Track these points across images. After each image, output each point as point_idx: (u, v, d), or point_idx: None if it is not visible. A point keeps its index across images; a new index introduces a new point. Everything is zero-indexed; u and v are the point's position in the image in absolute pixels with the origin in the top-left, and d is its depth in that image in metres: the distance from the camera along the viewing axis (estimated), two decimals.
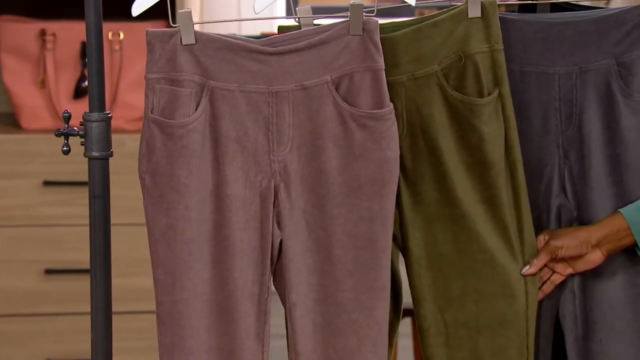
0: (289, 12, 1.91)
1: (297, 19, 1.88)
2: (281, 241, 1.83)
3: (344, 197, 1.82)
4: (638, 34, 1.88)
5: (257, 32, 3.22)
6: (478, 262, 1.87)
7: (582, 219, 1.92)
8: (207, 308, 1.82)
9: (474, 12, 1.85)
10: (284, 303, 1.86)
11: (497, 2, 1.85)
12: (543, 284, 1.92)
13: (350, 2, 1.80)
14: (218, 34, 1.83)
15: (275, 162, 1.82)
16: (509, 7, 2.26)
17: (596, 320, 1.93)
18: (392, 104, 1.82)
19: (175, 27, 1.80)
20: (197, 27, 1.81)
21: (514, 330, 1.88)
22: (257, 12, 1.87)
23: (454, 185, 1.86)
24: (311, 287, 1.83)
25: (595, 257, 1.89)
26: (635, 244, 1.88)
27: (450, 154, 1.86)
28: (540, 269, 1.90)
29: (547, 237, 1.90)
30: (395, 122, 1.83)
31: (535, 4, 1.98)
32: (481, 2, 1.84)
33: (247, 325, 1.83)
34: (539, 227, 1.93)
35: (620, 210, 1.88)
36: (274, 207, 1.82)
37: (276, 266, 1.85)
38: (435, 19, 1.86)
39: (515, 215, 1.88)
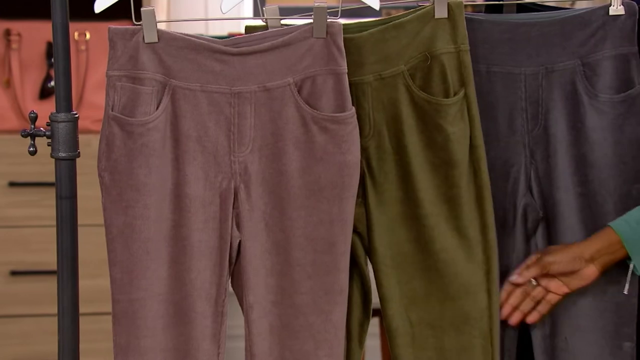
0: (257, 13, 1.91)
1: (264, 19, 1.88)
2: (240, 242, 1.83)
3: (304, 199, 1.81)
4: (602, 35, 1.89)
5: (225, 33, 3.22)
6: (440, 262, 1.88)
7: (548, 219, 1.93)
8: (163, 308, 1.81)
9: (441, 12, 1.86)
10: (241, 304, 1.86)
11: (464, 3, 1.86)
12: (537, 303, 1.92)
13: (314, 5, 1.80)
14: (182, 34, 1.83)
15: (236, 163, 1.82)
16: (476, 8, 2.27)
17: (561, 319, 1.94)
18: (354, 108, 1.82)
19: (139, 24, 1.79)
20: (163, 26, 1.81)
21: (478, 329, 1.89)
22: (224, 12, 1.87)
23: (418, 185, 1.87)
24: (269, 289, 1.83)
25: (590, 272, 1.89)
26: (627, 257, 1.89)
27: (416, 153, 1.87)
28: (528, 283, 1.90)
29: (538, 255, 1.91)
30: (357, 126, 1.83)
31: (502, 4, 1.98)
32: (448, 3, 1.85)
33: (203, 326, 1.82)
34: (506, 226, 1.94)
35: (610, 224, 1.89)
36: (233, 208, 1.82)
37: (234, 267, 1.85)
38: (402, 19, 1.87)
39: (477, 214, 1.88)
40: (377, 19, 1.91)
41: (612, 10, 1.89)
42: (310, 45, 1.81)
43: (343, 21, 1.83)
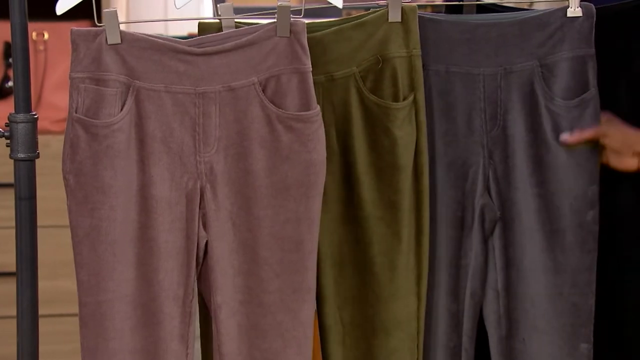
0: (216, 12, 1.90)
1: (220, 18, 1.88)
2: (207, 243, 1.82)
3: (271, 198, 1.81)
4: (560, 37, 1.90)
5: (184, 33, 3.20)
6: (377, 265, 1.90)
7: (506, 219, 1.94)
8: (131, 310, 1.80)
9: (395, 16, 1.87)
10: (208, 305, 1.85)
11: (424, 3, 1.87)
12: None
13: (278, 4, 1.80)
14: (144, 34, 1.82)
15: (202, 163, 1.82)
16: (436, 8, 2.28)
17: (519, 320, 1.95)
18: (319, 107, 1.83)
19: (101, 26, 1.78)
20: (122, 27, 1.80)
21: (406, 332, 1.92)
22: (177, 8, 1.86)
23: (362, 187, 1.88)
24: (237, 289, 1.83)
25: (631, 163, 1.90)
26: None
27: (362, 155, 1.88)
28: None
29: (606, 119, 1.90)
30: (322, 125, 1.83)
31: (462, 5, 1.99)
32: (402, 7, 1.86)
33: (171, 327, 1.82)
34: (464, 226, 1.95)
35: None
36: (200, 208, 1.82)
37: (201, 268, 1.84)
38: (357, 21, 1.88)
39: (415, 219, 1.90)
40: (336, 19, 1.92)
41: (570, 12, 1.91)
42: (275, 44, 1.81)
43: (305, 21, 1.84)
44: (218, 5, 1.88)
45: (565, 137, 1.90)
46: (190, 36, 3.02)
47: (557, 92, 1.90)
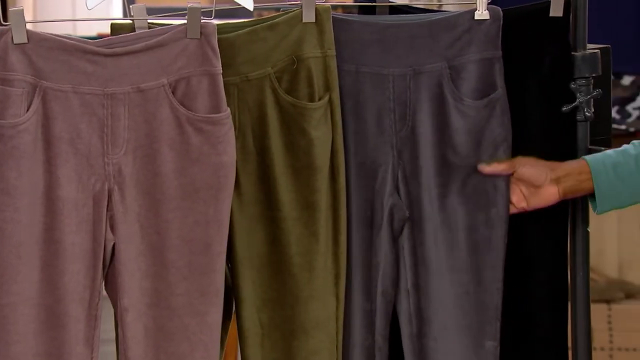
0: (126, 13, 1.88)
1: (132, 19, 1.86)
2: (114, 245, 1.81)
3: (180, 201, 1.80)
4: (468, 39, 1.92)
5: (93, 33, 3.17)
6: (295, 266, 1.90)
7: (415, 218, 1.95)
8: (35, 313, 1.78)
9: (309, 17, 1.87)
10: (115, 308, 1.84)
11: (334, 3, 1.87)
12: None
13: (188, 5, 1.79)
14: (52, 34, 1.79)
15: (110, 165, 1.80)
16: (346, 9, 2.29)
17: (431, 319, 1.97)
18: (229, 109, 1.82)
19: (6, 25, 1.76)
20: (29, 27, 1.78)
21: (325, 332, 1.92)
22: (89, 8, 1.84)
23: (279, 187, 1.88)
24: (144, 292, 1.82)
25: (551, 192, 1.92)
26: (592, 195, 1.91)
27: (279, 156, 1.88)
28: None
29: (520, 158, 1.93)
30: (232, 127, 1.82)
31: (375, 6, 2.00)
32: (315, 8, 1.86)
33: (76, 330, 1.80)
34: (373, 226, 1.95)
35: (585, 157, 1.92)
36: (107, 210, 1.80)
37: (108, 270, 1.83)
38: (271, 21, 1.88)
39: (332, 218, 1.91)
40: (248, 20, 1.92)
41: (478, 15, 1.92)
42: (185, 46, 1.80)
43: (216, 22, 1.83)
44: (131, 6, 1.86)
45: (483, 167, 1.92)
46: (100, 36, 2.99)
47: (466, 93, 1.93)
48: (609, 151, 1.94)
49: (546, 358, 2.04)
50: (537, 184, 1.92)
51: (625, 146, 1.93)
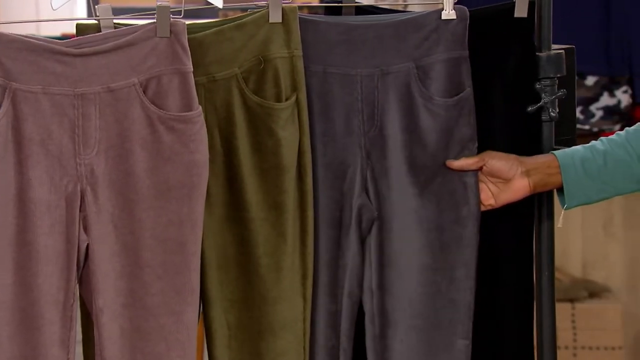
0: (90, 13, 1.87)
1: (97, 19, 1.85)
2: (88, 246, 1.80)
3: (153, 200, 1.80)
4: (435, 39, 1.93)
5: (58, 33, 3.15)
6: (263, 267, 1.90)
7: (383, 219, 1.96)
8: (9, 315, 1.77)
9: (275, 17, 1.87)
10: (90, 309, 1.83)
11: (301, 4, 1.87)
12: None
13: (157, 4, 1.78)
14: (18, 35, 1.78)
15: (82, 166, 1.79)
16: (312, 10, 2.29)
17: (397, 320, 1.96)
18: (200, 107, 1.82)
19: None
20: None
21: (293, 333, 1.92)
22: (54, 9, 1.83)
23: (246, 188, 1.88)
24: (119, 292, 1.81)
25: (522, 185, 1.92)
26: (560, 190, 1.92)
27: (246, 157, 1.88)
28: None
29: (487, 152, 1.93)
30: (204, 125, 1.82)
31: (341, 6, 2.01)
32: (282, 8, 1.86)
33: (51, 332, 1.79)
34: (342, 226, 1.96)
35: (554, 152, 1.93)
36: (80, 211, 1.79)
37: (82, 271, 1.82)
38: (238, 22, 1.88)
39: (300, 219, 1.91)
40: (215, 20, 1.92)
41: (444, 15, 1.93)
42: (155, 45, 1.79)
43: (185, 21, 1.83)
44: (96, 7, 1.85)
45: (451, 162, 1.93)
46: (64, 36, 2.97)
47: (434, 92, 1.93)
48: (578, 147, 1.95)
49: (513, 356, 2.06)
50: (508, 177, 1.93)
51: (593, 142, 1.95)
